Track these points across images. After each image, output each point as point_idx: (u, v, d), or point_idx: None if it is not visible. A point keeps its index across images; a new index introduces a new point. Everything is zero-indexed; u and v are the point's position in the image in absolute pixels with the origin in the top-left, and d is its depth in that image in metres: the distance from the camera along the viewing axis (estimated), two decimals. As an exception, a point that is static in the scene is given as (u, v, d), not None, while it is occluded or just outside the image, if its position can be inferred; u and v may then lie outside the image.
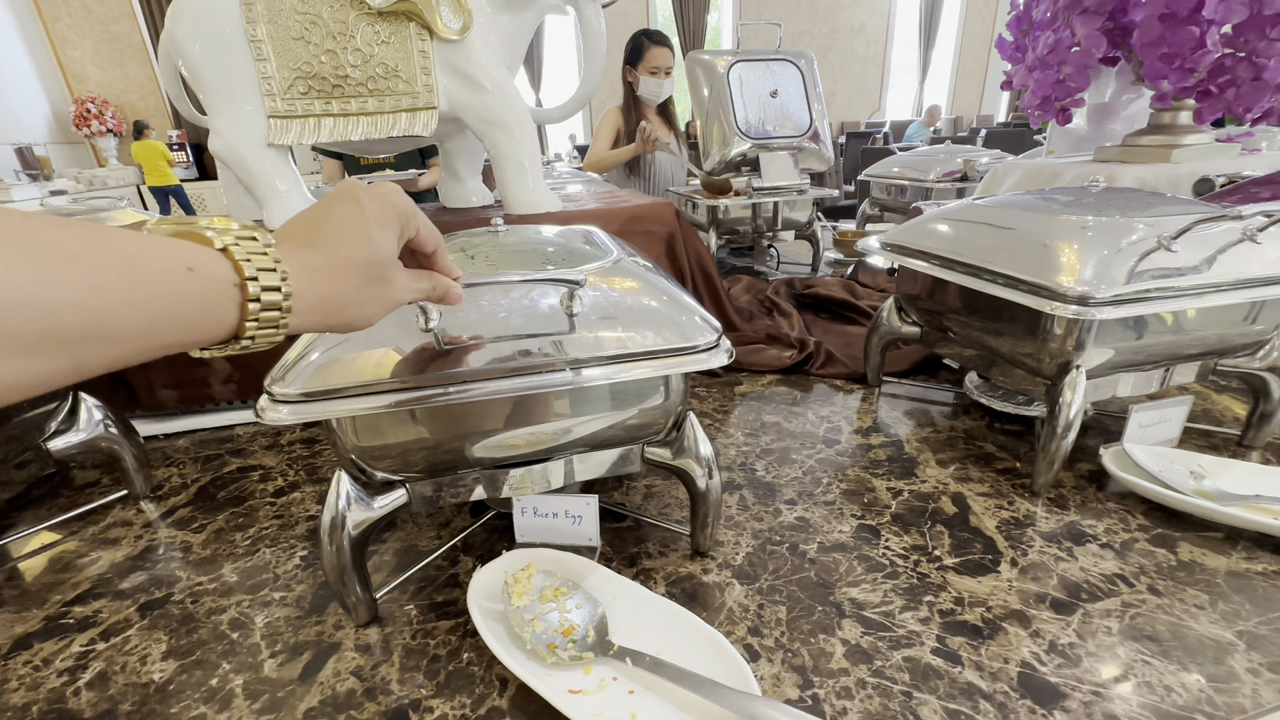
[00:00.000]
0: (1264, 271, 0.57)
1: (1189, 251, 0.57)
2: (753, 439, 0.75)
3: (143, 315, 0.22)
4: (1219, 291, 0.56)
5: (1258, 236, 0.57)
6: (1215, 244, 0.57)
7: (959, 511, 0.59)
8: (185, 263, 0.24)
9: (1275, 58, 0.92)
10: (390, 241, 0.31)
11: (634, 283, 0.49)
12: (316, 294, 0.28)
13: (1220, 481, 0.59)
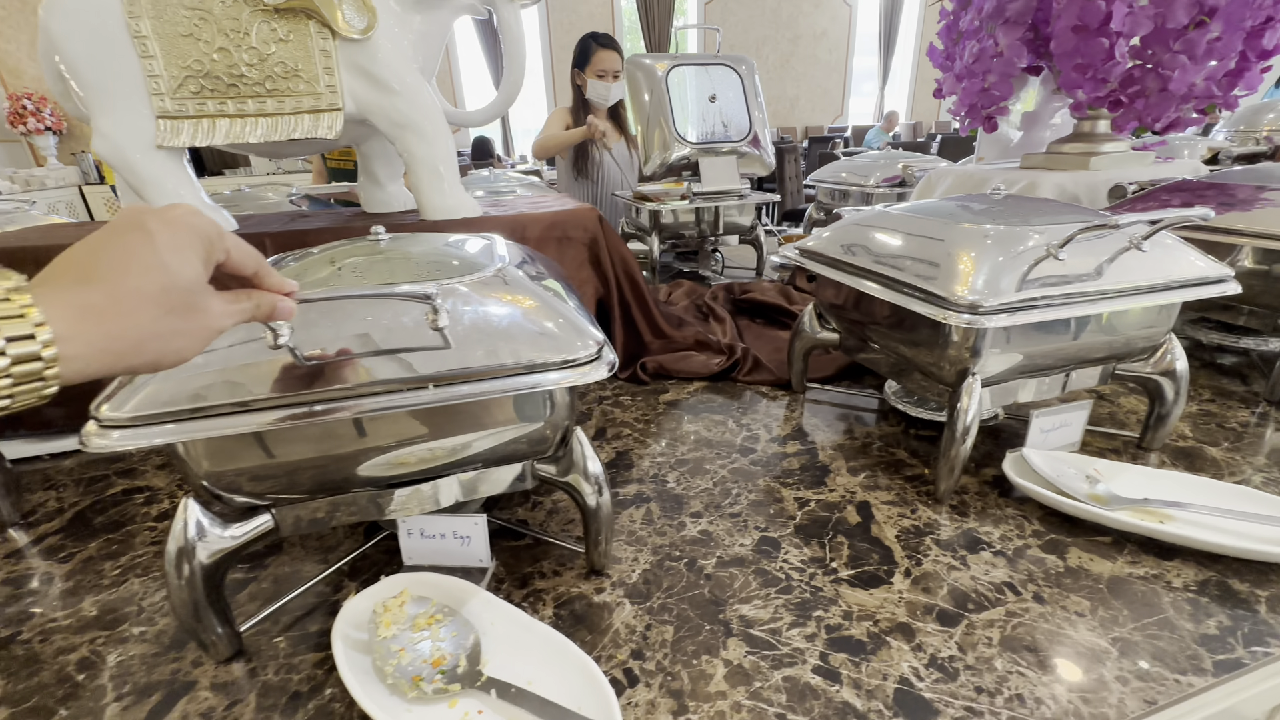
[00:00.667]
0: (1148, 278, 0.58)
1: (1080, 259, 0.58)
2: (670, 449, 0.73)
3: None
4: (1105, 299, 0.56)
5: (1142, 244, 0.58)
6: (1104, 252, 0.58)
7: (862, 521, 0.59)
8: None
9: (1179, 69, 0.95)
10: (191, 266, 0.29)
11: (512, 294, 0.47)
12: (98, 334, 0.26)
13: (1113, 485, 0.59)
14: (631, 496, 0.64)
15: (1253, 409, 0.77)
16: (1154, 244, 0.60)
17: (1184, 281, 0.59)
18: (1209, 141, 1.80)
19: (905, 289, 0.60)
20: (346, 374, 0.40)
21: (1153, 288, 0.58)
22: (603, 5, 8.34)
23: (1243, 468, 0.65)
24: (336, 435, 0.43)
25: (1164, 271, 0.59)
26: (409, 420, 0.44)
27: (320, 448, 0.44)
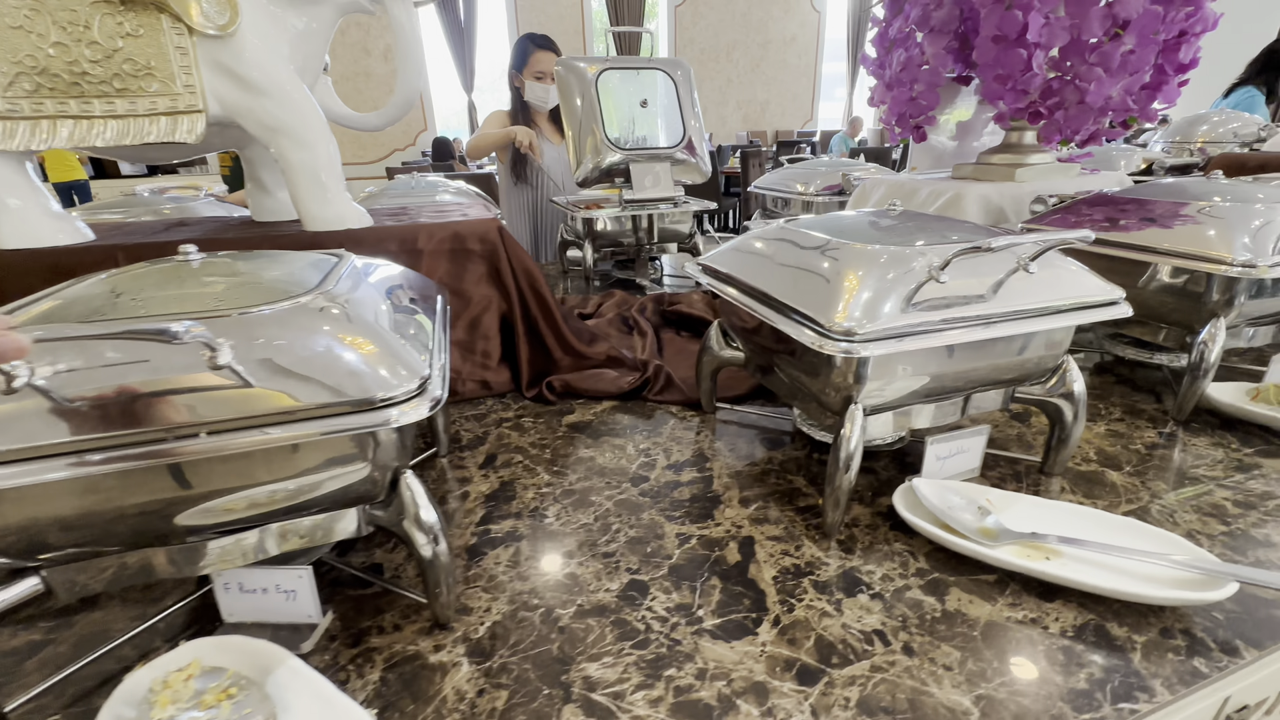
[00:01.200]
0: (1037, 301, 0.56)
1: (969, 281, 0.55)
2: (558, 478, 0.69)
3: None
4: (989, 324, 0.54)
5: (1029, 266, 0.55)
6: (994, 273, 0.55)
7: (741, 560, 0.55)
8: None
9: (1095, 82, 0.94)
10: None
11: (328, 323, 0.42)
12: None
13: (1004, 517, 0.57)
14: (503, 534, 0.59)
15: (1161, 429, 0.76)
16: (1046, 265, 0.58)
17: (1073, 304, 0.57)
18: (1145, 153, 1.82)
19: (788, 311, 0.56)
20: (116, 417, 0.35)
21: (1040, 311, 0.55)
22: (572, 7, 8.28)
23: (1141, 494, 0.63)
24: (103, 488, 0.38)
25: (1054, 293, 0.57)
26: (196, 469, 0.39)
27: (87, 501, 0.38)
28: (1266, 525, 0.58)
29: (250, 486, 0.41)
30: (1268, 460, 0.68)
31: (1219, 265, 0.70)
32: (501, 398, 0.90)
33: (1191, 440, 0.73)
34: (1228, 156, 1.68)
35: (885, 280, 0.53)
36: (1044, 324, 0.55)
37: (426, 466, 0.72)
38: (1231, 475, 0.66)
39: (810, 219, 0.69)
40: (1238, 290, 0.73)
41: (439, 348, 0.51)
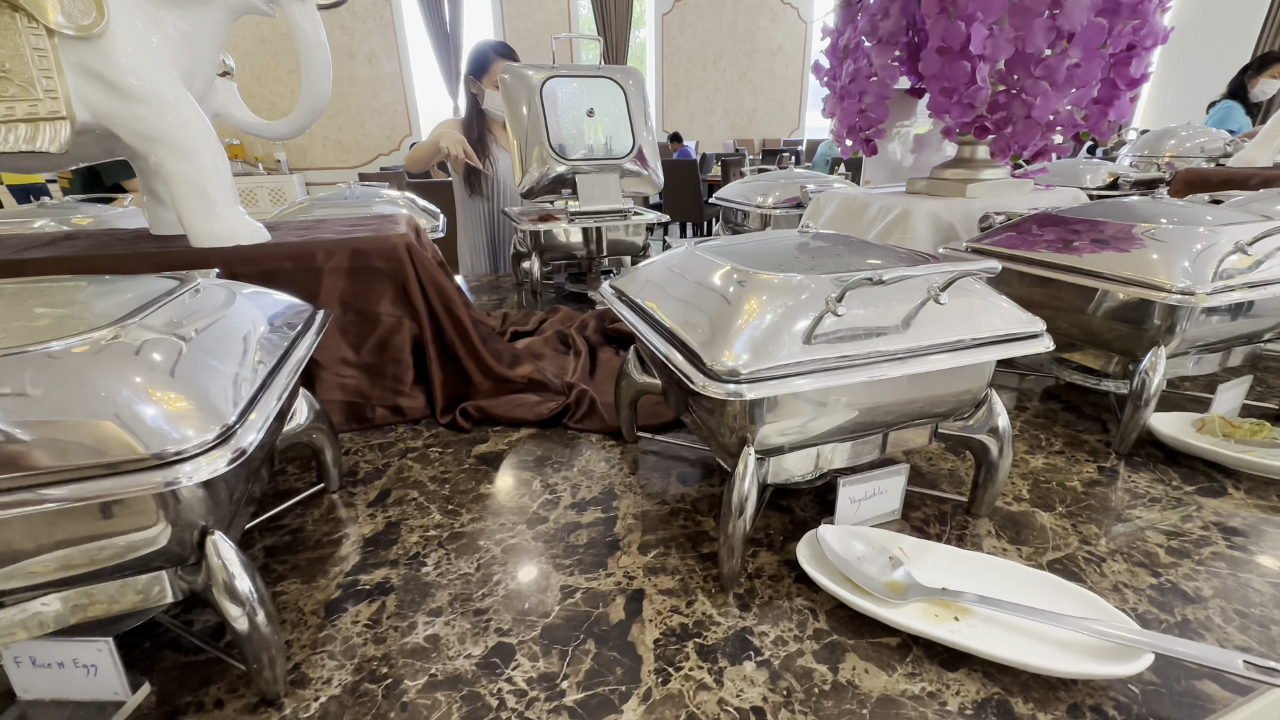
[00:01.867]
0: (949, 335, 0.51)
1: (878, 312, 0.50)
2: (450, 518, 0.64)
3: None
4: (893, 361, 0.49)
5: (939, 297, 0.51)
6: (905, 304, 0.51)
7: (625, 619, 0.50)
8: None
9: (1041, 95, 0.91)
10: None
11: (116, 364, 0.37)
12: None
13: (918, 569, 0.52)
14: (371, 586, 0.54)
15: (1101, 462, 0.72)
16: (964, 295, 0.54)
17: (989, 338, 0.52)
18: (1111, 166, 1.80)
19: (678, 346, 0.51)
20: None
21: (951, 346, 0.51)
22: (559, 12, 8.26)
23: (1070, 539, 0.59)
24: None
25: (969, 326, 0.52)
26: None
27: None
28: (1198, 577, 0.53)
29: (16, 555, 0.35)
30: (1208, 500, 0.64)
31: (1156, 292, 0.66)
32: (416, 424, 0.84)
33: (1131, 476, 0.69)
34: (1192, 172, 1.65)
35: (778, 313, 0.48)
36: (955, 360, 0.50)
37: (311, 504, 0.66)
38: (1168, 517, 0.62)
39: (718, 241, 0.65)
40: (1179, 317, 0.69)
41: (278, 387, 0.45)
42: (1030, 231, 0.86)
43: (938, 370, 0.51)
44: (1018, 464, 0.72)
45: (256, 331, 0.50)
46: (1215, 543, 0.58)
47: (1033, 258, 0.80)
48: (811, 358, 0.47)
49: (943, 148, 1.34)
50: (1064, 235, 0.80)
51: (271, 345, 0.50)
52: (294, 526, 0.63)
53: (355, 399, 0.81)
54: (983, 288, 0.56)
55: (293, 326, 0.55)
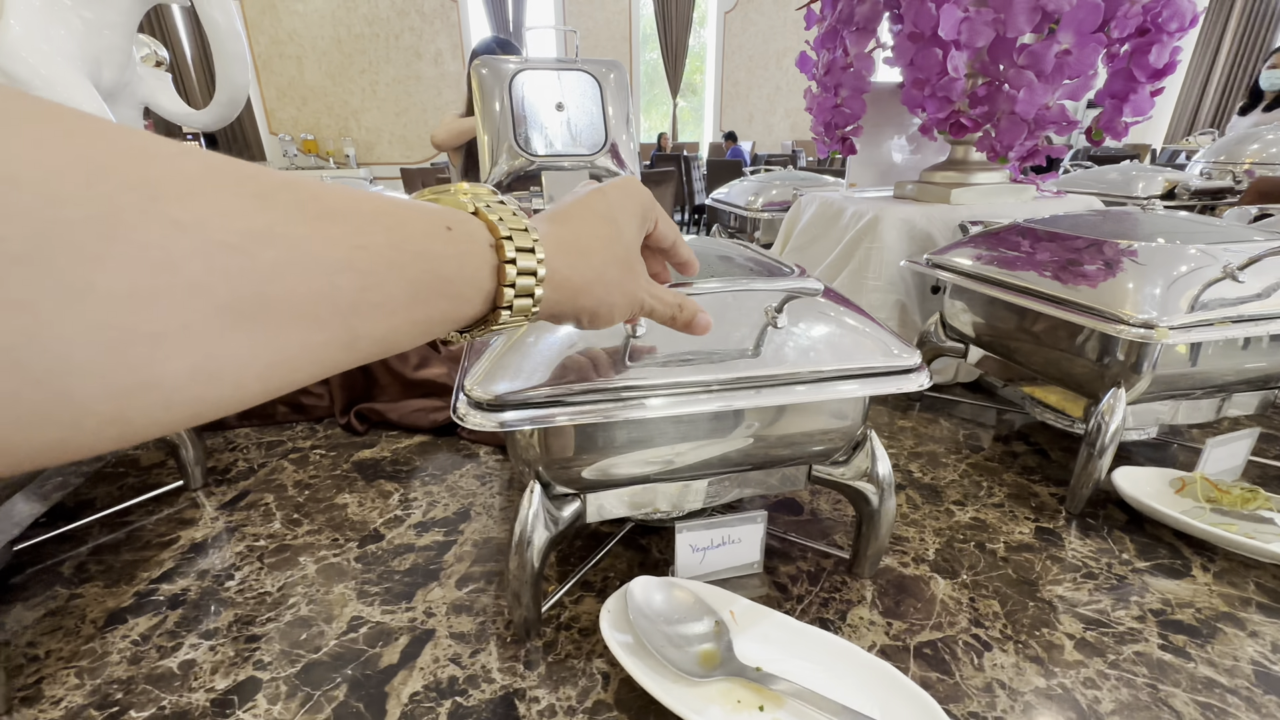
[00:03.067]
0: (793, 365, 0.43)
1: (726, 334, 0.43)
2: (288, 529, 0.60)
3: (407, 279, 0.20)
4: (709, 393, 0.41)
5: (777, 320, 0.42)
6: (749, 329, 0.43)
7: (395, 664, 0.45)
8: (444, 222, 0.22)
9: (1026, 88, 0.78)
10: (633, 228, 0.30)
11: None
12: (564, 265, 0.26)
13: (742, 639, 0.44)
14: (165, 599, 0.51)
15: (1046, 522, 0.60)
16: (827, 320, 0.45)
17: (844, 371, 0.43)
18: (1171, 174, 1.58)
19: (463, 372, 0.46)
20: None
21: (786, 379, 0.42)
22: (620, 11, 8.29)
23: (959, 617, 0.49)
24: None
25: (829, 355, 0.44)
26: None
27: None
28: (1102, 685, 0.42)
29: None
30: (1160, 582, 0.52)
31: (1110, 324, 0.55)
32: (318, 423, 0.82)
33: (1074, 541, 0.57)
34: (1268, 181, 1.43)
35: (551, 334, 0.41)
36: (779, 398, 0.42)
37: (164, 502, 0.65)
38: (1098, 600, 0.50)
39: None
40: (1146, 354, 0.56)
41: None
42: (994, 245, 0.74)
43: (768, 407, 0.43)
44: (939, 517, 0.61)
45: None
46: (1145, 639, 0.46)
47: (985, 275, 0.69)
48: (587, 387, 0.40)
49: (933, 147, 1.20)
50: (1030, 252, 0.69)
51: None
52: (136, 525, 0.61)
53: (254, 394, 0.80)
54: (850, 313, 0.47)
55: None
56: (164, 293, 0.14)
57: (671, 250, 0.34)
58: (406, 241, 0.20)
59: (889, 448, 0.75)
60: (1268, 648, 0.45)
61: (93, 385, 0.13)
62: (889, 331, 0.46)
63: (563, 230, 0.27)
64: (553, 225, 0.27)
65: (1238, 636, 0.46)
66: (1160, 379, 0.58)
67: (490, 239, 0.24)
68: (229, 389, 0.16)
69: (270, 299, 0.16)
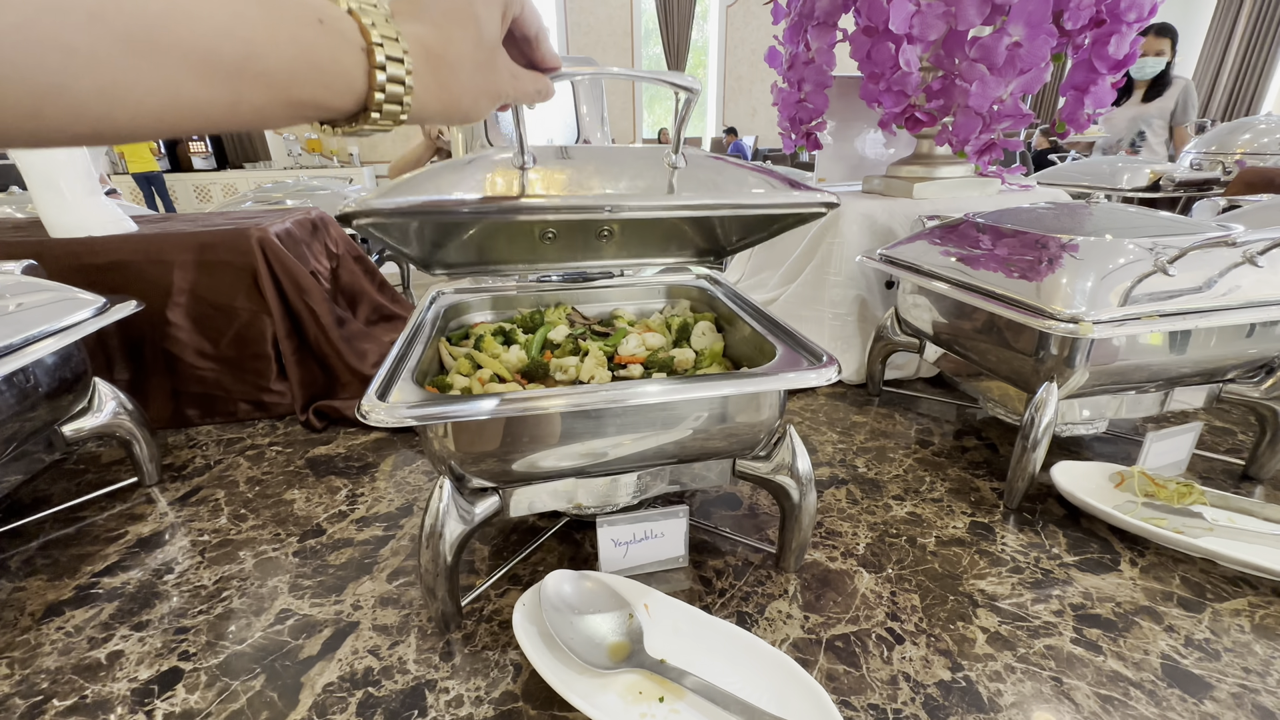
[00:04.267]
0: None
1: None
2: (234, 524, 0.61)
3: (284, 57, 0.22)
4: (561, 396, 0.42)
5: (674, 160, 0.43)
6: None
7: (314, 655, 0.46)
8: (316, 14, 0.23)
9: (978, 81, 0.78)
10: (495, 22, 0.29)
11: None
12: (433, 82, 0.27)
13: (654, 633, 0.45)
14: (104, 592, 0.52)
15: (983, 517, 0.60)
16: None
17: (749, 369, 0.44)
18: (1159, 165, 1.56)
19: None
20: None
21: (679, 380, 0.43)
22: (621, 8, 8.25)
23: (877, 611, 0.49)
24: None
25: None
26: None
27: None
28: (1008, 678, 0.43)
29: None
30: (1086, 576, 0.52)
31: (1037, 318, 0.55)
32: (280, 420, 0.84)
33: (1008, 536, 0.58)
34: (1253, 171, 1.41)
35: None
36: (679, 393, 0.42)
37: (118, 498, 0.66)
38: (1020, 595, 0.50)
39: None
40: (1076, 349, 0.56)
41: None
42: (942, 241, 0.74)
43: (677, 400, 0.44)
44: (875, 512, 0.61)
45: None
46: (1060, 633, 0.46)
47: (931, 270, 0.69)
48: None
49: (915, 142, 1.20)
50: (975, 247, 0.68)
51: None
52: (88, 520, 0.63)
53: (216, 392, 0.82)
54: (735, 303, 0.47)
55: (54, 318, 0.54)
56: (71, 10, 0.17)
57: (535, 42, 0.33)
58: (281, 23, 0.22)
59: (839, 443, 0.75)
60: (1180, 642, 0.45)
61: (14, 82, 0.17)
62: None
63: (430, 36, 0.27)
64: (420, 26, 0.27)
65: (1153, 631, 0.46)
66: (1100, 373, 0.58)
67: (362, 42, 0.24)
68: (128, 114, 0.19)
69: (159, 42, 0.19)
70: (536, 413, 0.40)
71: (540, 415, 0.42)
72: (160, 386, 0.80)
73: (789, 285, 1.04)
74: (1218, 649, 0.45)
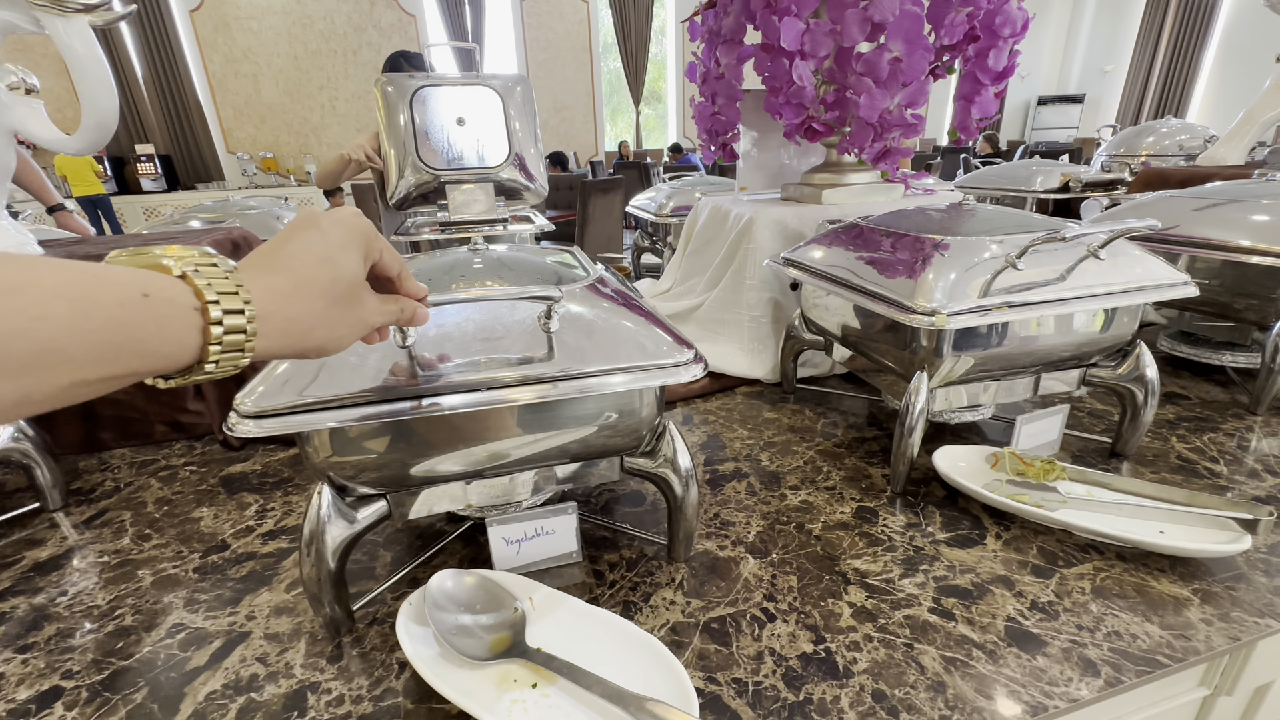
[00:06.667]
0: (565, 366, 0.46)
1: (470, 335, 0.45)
2: (136, 544, 0.61)
3: (93, 343, 0.23)
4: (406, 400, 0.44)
5: (549, 324, 0.45)
6: (511, 332, 0.46)
7: (201, 666, 0.46)
8: (140, 289, 0.24)
9: (865, 93, 0.83)
10: (355, 263, 0.32)
11: None
12: (282, 316, 0.29)
13: (538, 625, 0.47)
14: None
15: (870, 501, 0.64)
16: (610, 315, 0.48)
17: (616, 368, 0.46)
18: (1068, 168, 1.66)
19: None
20: None
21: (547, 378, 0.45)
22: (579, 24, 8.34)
23: (756, 592, 0.52)
24: None
25: (579, 356, 0.47)
26: None
27: None
28: (864, 648, 0.46)
29: None
30: (953, 551, 0.56)
31: (902, 312, 0.59)
32: (199, 440, 0.83)
33: (889, 519, 0.61)
34: (1150, 172, 1.51)
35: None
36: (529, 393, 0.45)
37: (19, 524, 0.65)
38: (890, 571, 0.54)
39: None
40: (941, 340, 0.60)
41: None
42: (833, 243, 0.78)
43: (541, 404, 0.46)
44: (770, 502, 0.65)
45: None
46: (919, 604, 0.50)
47: (821, 271, 0.73)
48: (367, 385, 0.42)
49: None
50: (860, 248, 0.73)
51: None
52: (-16, 547, 0.62)
53: (130, 414, 0.81)
54: (610, 305, 0.50)
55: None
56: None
57: (398, 280, 0.36)
58: (94, 309, 0.23)
59: (748, 439, 0.78)
60: (1026, 605, 0.49)
61: None
62: (665, 329, 0.49)
63: (279, 280, 0.29)
64: (271, 276, 0.29)
65: (1003, 597, 0.50)
66: (966, 362, 0.63)
67: (195, 302, 0.26)
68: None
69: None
70: (410, 418, 0.42)
71: (416, 421, 0.44)
72: (71, 410, 0.79)
73: (712, 291, 1.08)
74: (1058, 610, 0.48)
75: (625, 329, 0.48)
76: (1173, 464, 0.68)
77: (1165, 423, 0.77)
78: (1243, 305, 0.82)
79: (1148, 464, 0.69)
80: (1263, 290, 0.79)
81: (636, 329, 0.48)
